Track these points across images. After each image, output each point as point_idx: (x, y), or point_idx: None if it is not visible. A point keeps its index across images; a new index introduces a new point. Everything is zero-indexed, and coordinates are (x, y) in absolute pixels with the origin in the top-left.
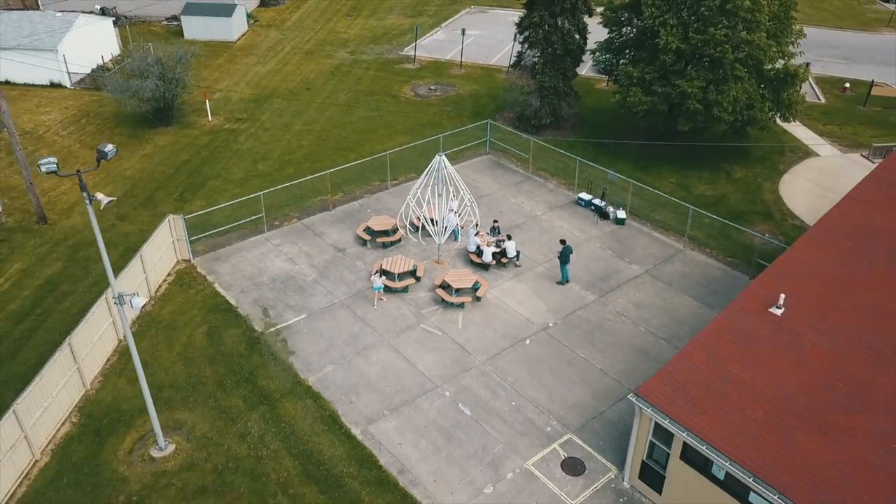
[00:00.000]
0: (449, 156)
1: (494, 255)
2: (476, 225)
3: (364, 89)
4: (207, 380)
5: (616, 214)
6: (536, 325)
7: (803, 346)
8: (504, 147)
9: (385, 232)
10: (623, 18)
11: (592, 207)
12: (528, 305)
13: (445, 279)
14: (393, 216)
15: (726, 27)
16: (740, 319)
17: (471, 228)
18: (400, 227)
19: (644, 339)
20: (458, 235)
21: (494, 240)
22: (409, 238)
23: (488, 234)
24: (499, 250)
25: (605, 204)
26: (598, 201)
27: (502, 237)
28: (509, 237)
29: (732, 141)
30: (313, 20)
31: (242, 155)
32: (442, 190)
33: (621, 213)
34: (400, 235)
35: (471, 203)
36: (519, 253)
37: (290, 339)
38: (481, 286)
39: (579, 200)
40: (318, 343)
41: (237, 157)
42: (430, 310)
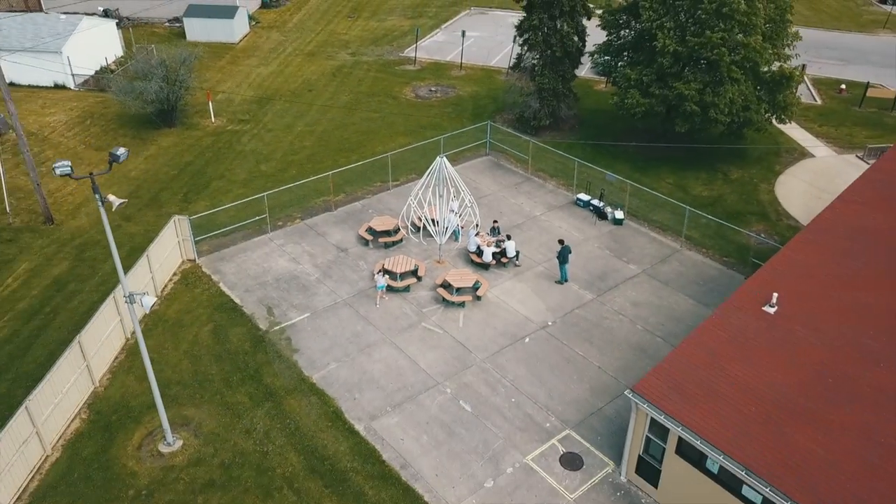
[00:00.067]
0: (449, 157)
1: (494, 254)
2: (476, 225)
3: (365, 90)
4: (214, 377)
5: (614, 215)
6: (536, 323)
7: (795, 344)
8: (504, 148)
9: (387, 232)
10: (621, 21)
11: (591, 208)
12: (527, 304)
13: (446, 278)
14: (394, 216)
15: (722, 30)
16: (734, 318)
17: (471, 229)
18: (401, 228)
19: (641, 337)
20: (458, 235)
21: (494, 240)
22: (411, 238)
23: (488, 234)
24: (499, 250)
25: (603, 204)
26: (596, 202)
27: (502, 237)
28: (509, 237)
29: (729, 142)
30: (314, 21)
31: (246, 156)
32: (443, 191)
33: (619, 214)
34: (401, 235)
35: (471, 204)
36: (518, 253)
37: (294, 337)
38: (481, 285)
39: (578, 201)
40: (322, 341)
41: (240, 157)
42: (432, 308)
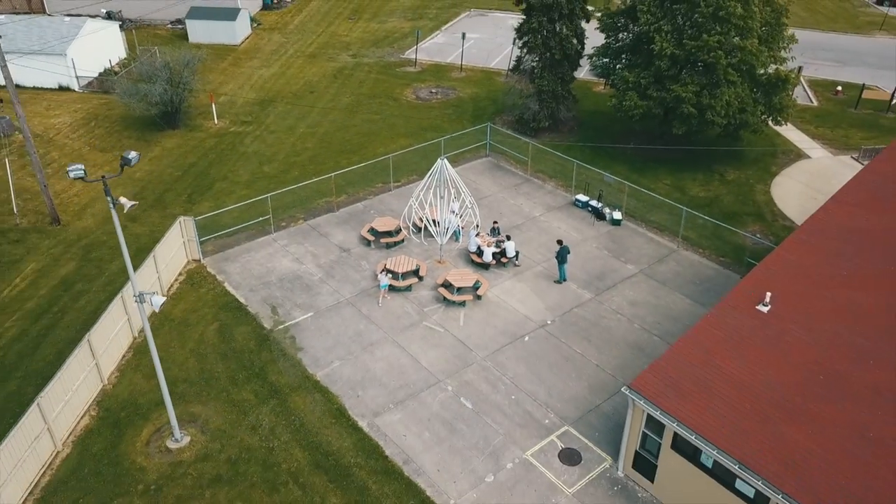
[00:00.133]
0: (450, 158)
1: (494, 255)
2: (477, 226)
3: (366, 92)
4: (220, 375)
5: (612, 215)
6: (535, 322)
7: (787, 342)
8: (503, 150)
9: (389, 233)
10: (619, 24)
11: (589, 209)
12: (527, 304)
13: (447, 278)
14: (396, 217)
15: (719, 33)
16: (729, 316)
17: (472, 229)
18: (403, 228)
19: (638, 335)
20: (459, 236)
21: (494, 240)
22: (412, 238)
23: (488, 234)
24: (499, 250)
25: (601, 205)
26: (594, 203)
27: (502, 238)
28: (509, 238)
29: (726, 144)
30: (315, 23)
31: (248, 157)
32: (444, 192)
33: (617, 215)
34: (403, 236)
35: (471, 205)
36: (518, 253)
37: (298, 336)
38: (482, 285)
39: (576, 202)
40: (326, 340)
41: (243, 159)
42: (433, 308)
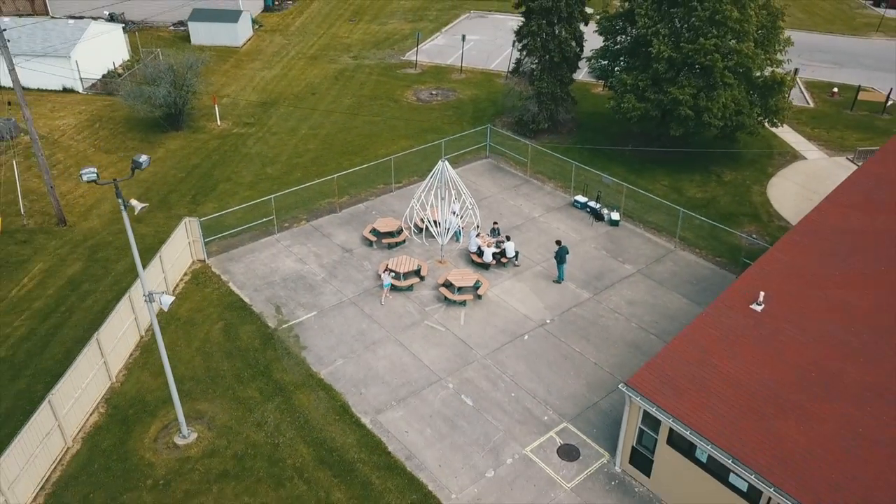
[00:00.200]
0: (450, 160)
1: (494, 255)
2: (477, 226)
3: (367, 94)
4: (225, 373)
5: (610, 216)
6: (534, 321)
7: (780, 340)
8: (503, 151)
9: (390, 233)
10: (618, 27)
11: (588, 209)
12: (526, 303)
13: (448, 278)
14: (398, 218)
15: (716, 37)
16: (723, 315)
17: (472, 230)
18: (404, 229)
19: (636, 334)
20: (459, 236)
21: (494, 240)
22: (414, 239)
23: (489, 235)
24: (499, 251)
25: (599, 206)
26: (593, 203)
27: (502, 238)
28: (508, 238)
29: (723, 145)
30: (316, 25)
31: (251, 158)
32: (444, 193)
33: (615, 215)
34: (404, 237)
35: (472, 205)
36: (518, 253)
37: (302, 334)
38: (482, 285)
39: (575, 203)
40: (329, 338)
41: (246, 160)
42: (434, 307)
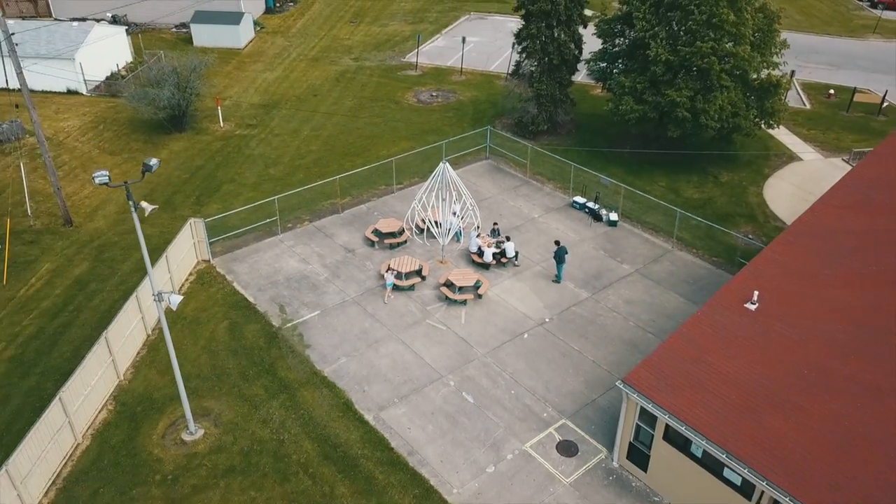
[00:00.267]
0: (451, 161)
1: (495, 255)
2: (477, 227)
3: (368, 95)
4: (231, 371)
5: (609, 217)
6: (534, 320)
7: (774, 338)
8: (503, 152)
9: (392, 234)
10: (616, 30)
11: (586, 210)
12: (526, 302)
13: (449, 278)
14: (399, 219)
15: (713, 40)
16: (718, 314)
17: (472, 230)
18: (406, 229)
19: (633, 333)
20: (460, 237)
21: (494, 241)
22: (415, 239)
23: (489, 235)
24: (499, 251)
25: (598, 207)
26: (591, 204)
27: (502, 238)
28: (508, 238)
29: (720, 147)
30: (317, 27)
31: (254, 160)
32: (445, 194)
33: (614, 216)
34: (406, 237)
35: (472, 206)
36: (517, 253)
37: (305, 333)
38: (482, 284)
39: (574, 203)
40: (332, 337)
41: (249, 161)
42: (435, 306)
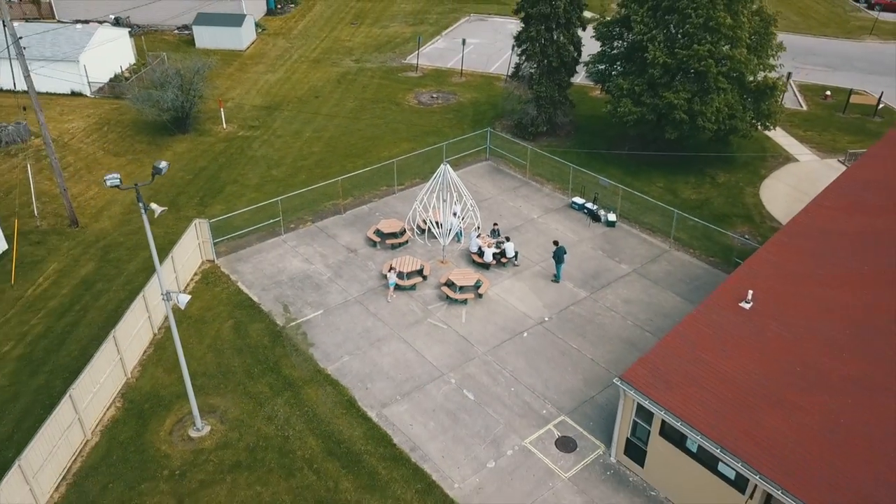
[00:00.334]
0: (451, 162)
1: (495, 255)
2: (477, 227)
3: (370, 97)
4: (236, 369)
5: (607, 217)
6: (533, 319)
7: (767, 336)
8: (503, 154)
9: (393, 234)
10: (614, 33)
11: (585, 211)
12: (525, 301)
13: (450, 277)
14: (401, 219)
15: (710, 43)
16: (714, 313)
17: (473, 231)
18: (407, 230)
19: (631, 331)
20: (461, 237)
21: (494, 241)
22: (416, 240)
23: (489, 235)
24: (499, 251)
25: (596, 207)
26: (590, 205)
27: (502, 239)
28: (508, 239)
29: (717, 148)
30: (318, 28)
31: (257, 161)
32: (446, 195)
33: (612, 216)
34: (407, 237)
35: (472, 207)
36: (517, 253)
37: (309, 332)
38: (483, 284)
39: (573, 204)
40: (335, 336)
41: (252, 163)
42: (437, 305)
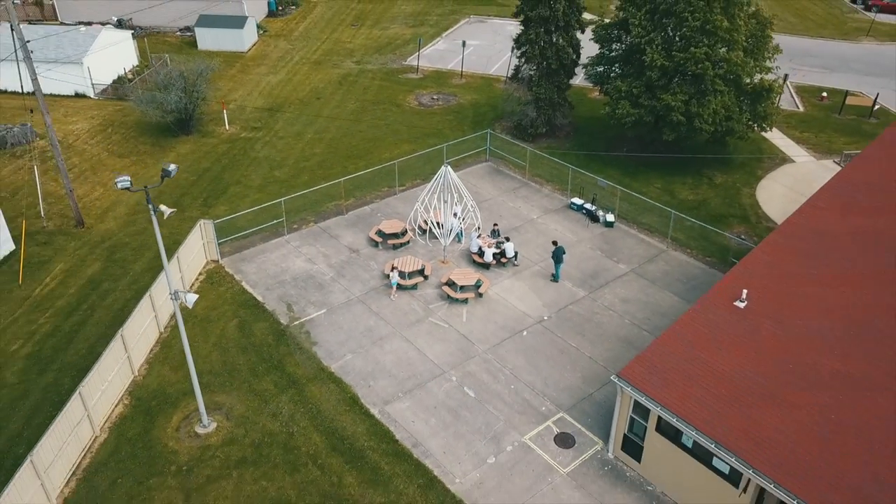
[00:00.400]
0: (451, 163)
1: (495, 255)
2: (478, 228)
3: (370, 99)
4: (241, 367)
5: (605, 218)
6: (533, 318)
7: (761, 335)
8: (502, 155)
9: (395, 234)
10: (613, 35)
11: (584, 211)
12: (525, 301)
13: (451, 277)
14: (402, 220)
15: (707, 46)
16: (709, 312)
17: (473, 231)
18: (409, 230)
19: (629, 330)
20: (461, 237)
21: (495, 241)
22: (418, 240)
23: (489, 236)
24: (499, 251)
25: (595, 208)
26: (589, 206)
27: (502, 239)
28: (508, 239)
29: (714, 149)
30: (319, 30)
31: (259, 162)
32: (447, 196)
33: (610, 217)
34: (409, 238)
35: (473, 208)
36: (517, 253)
37: (312, 331)
38: (483, 283)
39: (572, 205)
40: (338, 334)
41: (255, 164)
42: (438, 305)
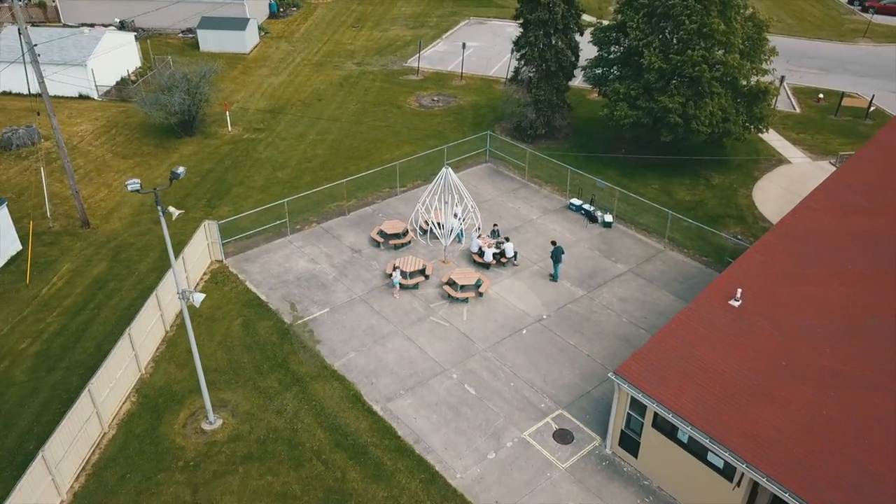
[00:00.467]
0: (452, 164)
1: (495, 255)
2: (478, 228)
3: (371, 100)
4: (246, 365)
5: (604, 218)
6: (532, 316)
7: (755, 333)
8: (502, 156)
9: (396, 235)
10: (611, 38)
11: (582, 212)
12: (524, 300)
13: (451, 277)
14: (403, 220)
15: (703, 48)
16: (704, 310)
17: (473, 231)
18: (410, 231)
19: (626, 329)
20: (461, 238)
21: (494, 241)
22: (419, 240)
23: (489, 236)
24: (498, 251)
25: (593, 209)
26: (587, 206)
27: (501, 239)
28: (507, 239)
29: (712, 150)
30: (320, 32)
31: (262, 163)
32: (448, 197)
33: (608, 217)
34: (410, 238)
35: (473, 208)
36: (516, 253)
37: (316, 329)
38: (483, 283)
39: (571, 205)
40: (341, 333)
41: (257, 165)
42: (439, 304)
